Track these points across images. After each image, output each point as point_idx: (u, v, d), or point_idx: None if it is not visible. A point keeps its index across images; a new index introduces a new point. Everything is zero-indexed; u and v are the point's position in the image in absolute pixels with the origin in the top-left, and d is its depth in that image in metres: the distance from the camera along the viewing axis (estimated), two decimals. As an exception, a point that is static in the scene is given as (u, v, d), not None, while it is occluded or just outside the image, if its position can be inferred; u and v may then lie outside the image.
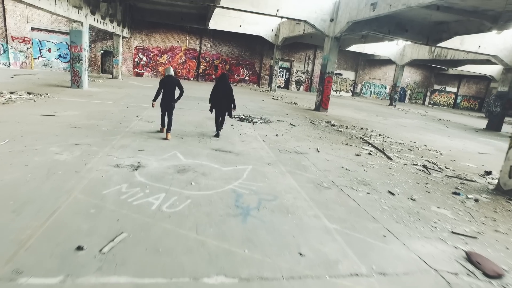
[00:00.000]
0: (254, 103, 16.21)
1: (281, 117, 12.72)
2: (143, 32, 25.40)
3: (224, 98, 7.83)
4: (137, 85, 19.41)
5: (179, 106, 11.61)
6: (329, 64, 15.94)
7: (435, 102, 39.36)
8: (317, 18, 15.38)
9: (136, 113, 9.85)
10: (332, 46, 15.77)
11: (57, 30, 22.03)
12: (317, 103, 16.56)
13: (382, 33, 15.92)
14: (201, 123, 9.57)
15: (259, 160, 6.39)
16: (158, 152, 6.08)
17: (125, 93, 14.61)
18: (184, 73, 27.35)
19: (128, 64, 25.31)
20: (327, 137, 9.78)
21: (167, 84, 7.35)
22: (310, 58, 31.74)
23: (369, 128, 12.62)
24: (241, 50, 28.71)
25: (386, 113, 20.28)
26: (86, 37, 14.05)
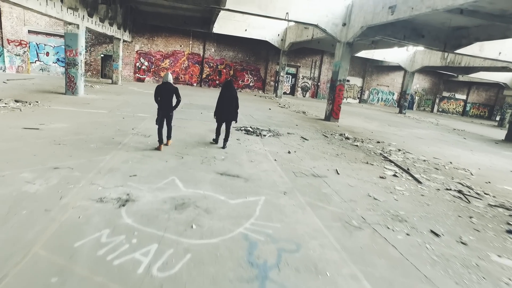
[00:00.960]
0: (261, 112, 15.26)
1: (291, 128, 11.74)
2: (144, 36, 24.57)
3: (228, 105, 7.55)
4: (137, 91, 18.51)
5: (179, 116, 10.71)
6: (340, 71, 14.98)
7: (443, 110, 38.36)
8: (329, 22, 14.46)
9: (132, 125, 8.90)
10: (344, 52, 14.82)
11: (56, 33, 21.22)
12: (327, 112, 15.58)
13: (397, 38, 14.97)
14: (204, 137, 8.61)
15: (273, 188, 5.40)
16: (153, 178, 5.11)
17: (123, 100, 13.68)
18: (187, 79, 26.48)
19: (129, 69, 24.46)
20: (344, 153, 8.78)
21: (163, 91, 6.78)
22: (317, 63, 30.83)
23: (385, 142, 11.62)
24: (246, 55, 27.83)
25: (398, 123, 19.28)
26: (82, 41, 13.17)
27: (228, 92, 7.54)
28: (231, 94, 7.53)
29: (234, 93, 7.60)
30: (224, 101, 7.52)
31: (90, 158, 5.70)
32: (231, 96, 7.52)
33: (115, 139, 7.24)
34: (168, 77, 6.90)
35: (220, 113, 7.63)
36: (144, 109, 11.72)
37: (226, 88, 7.60)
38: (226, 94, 7.52)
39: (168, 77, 6.92)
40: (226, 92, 7.54)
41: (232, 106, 7.56)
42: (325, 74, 31.15)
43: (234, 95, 7.58)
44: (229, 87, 7.62)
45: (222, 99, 7.54)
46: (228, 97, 7.50)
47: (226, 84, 7.67)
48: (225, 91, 7.56)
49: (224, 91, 7.58)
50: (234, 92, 7.63)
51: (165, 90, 6.75)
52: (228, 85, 7.66)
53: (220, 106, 7.58)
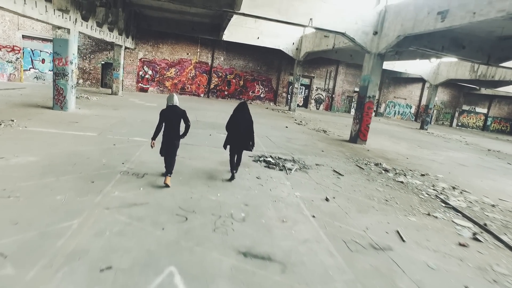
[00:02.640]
0: (277, 132, 13.31)
1: (317, 156, 9.78)
2: (149, 43, 22.86)
3: (242, 133, 6.41)
4: (138, 104, 16.68)
5: (183, 139, 8.76)
6: (370, 87, 13.04)
7: (463, 124, 36.27)
8: (358, 31, 12.55)
9: (123, 157, 6.98)
10: (375, 65, 12.89)
11: (51, 38, 19.47)
12: (353, 132, 13.60)
13: (435, 50, 13.03)
14: (214, 175, 6.68)
15: (327, 285, 3.42)
16: (138, 273, 3.15)
17: (119, 117, 11.81)
18: (193, 89, 24.68)
19: (131, 78, 22.71)
20: (394, 198, 6.80)
21: (169, 116, 5.67)
22: (332, 74, 28.97)
23: (429, 173, 9.65)
24: (257, 65, 26.02)
25: (426, 143, 17.26)
26: (74, 48, 11.38)
27: (241, 115, 6.41)
28: (245, 118, 6.41)
29: (249, 117, 6.47)
30: (237, 126, 6.37)
31: (47, 227, 3.77)
32: (246, 120, 6.39)
33: (95, 183, 5.31)
34: (174, 99, 5.76)
35: (232, 140, 6.45)
36: (142, 130, 9.83)
37: (240, 111, 6.45)
38: (240, 118, 6.40)
39: (174, 99, 5.77)
40: (240, 115, 6.41)
41: (246, 133, 6.43)
42: (340, 85, 29.29)
43: (249, 119, 6.44)
44: (243, 109, 6.48)
45: (235, 124, 6.40)
46: (241, 122, 6.37)
47: (240, 107, 6.51)
48: (238, 115, 6.42)
49: (237, 114, 6.44)
50: (249, 116, 6.49)
51: (171, 114, 5.65)
52: (242, 107, 6.50)
53: (233, 132, 6.43)
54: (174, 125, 5.67)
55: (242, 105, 6.53)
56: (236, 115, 6.45)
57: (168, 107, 5.68)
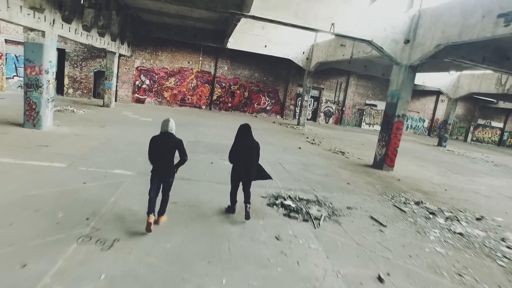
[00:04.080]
0: (290, 155, 11.39)
1: (344, 192, 7.87)
2: (147, 50, 21.07)
3: (248, 162, 5.42)
4: (130, 118, 14.80)
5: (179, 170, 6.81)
6: (399, 104, 11.14)
7: (478, 139, 34.32)
8: (386, 39, 10.71)
9: (92, 205, 5.05)
10: (406, 79, 11.02)
11: (39, 44, 17.73)
12: (378, 156, 11.66)
13: (474, 61, 11.19)
14: (218, 235, 4.74)
15: None
16: None
17: (103, 137, 9.91)
18: (194, 100, 22.83)
19: (127, 87, 20.88)
20: (467, 269, 4.84)
21: (161, 146, 4.60)
22: (342, 86, 27.15)
23: (483, 214, 7.71)
24: (263, 75, 24.21)
25: (453, 165, 15.36)
26: (51, 54, 9.55)
27: (246, 141, 5.43)
28: (250, 144, 5.44)
29: (254, 143, 5.48)
30: (242, 154, 5.38)
31: None
32: (251, 147, 5.44)
33: (28, 267, 3.36)
34: (169, 126, 4.68)
35: (237, 171, 5.47)
36: (126, 158, 7.92)
37: (243, 136, 5.46)
38: (244, 144, 5.41)
39: (169, 125, 4.68)
40: (243, 141, 5.42)
41: (252, 162, 5.45)
42: (351, 98, 27.46)
43: (255, 146, 5.47)
44: (246, 134, 5.46)
45: (239, 152, 5.40)
46: (246, 149, 5.40)
47: (242, 131, 5.48)
48: (241, 141, 5.43)
49: (240, 141, 5.44)
50: (252, 140, 5.48)
51: (164, 144, 4.60)
52: (244, 132, 5.48)
53: (239, 163, 5.42)
54: (166, 157, 4.58)
55: (245, 129, 5.46)
56: (239, 141, 5.40)
57: (161, 135, 4.61)
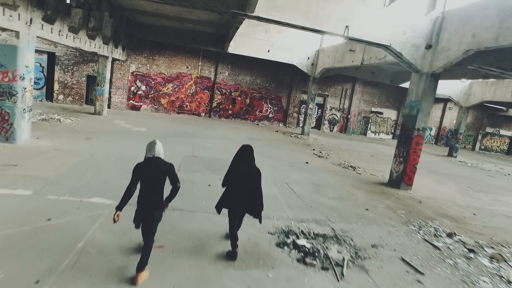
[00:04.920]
0: (298, 172, 10.22)
1: (365, 222, 6.71)
2: (143, 54, 19.95)
3: (247, 190, 4.47)
4: (122, 128, 13.64)
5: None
6: (420, 116, 9.99)
7: (486, 147, 33.21)
8: (406, 43, 9.59)
9: (54, 252, 3.88)
10: (427, 88, 9.89)
11: (28, 47, 16.64)
12: (394, 173, 10.50)
13: (501, 69, 10.10)
14: (216, 271, 3.56)
15: None
16: None
17: (87, 152, 8.75)
18: (193, 107, 21.69)
19: (121, 94, 19.74)
20: None
21: (147, 174, 3.70)
22: (347, 93, 26.06)
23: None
24: (265, 81, 23.10)
25: (471, 180, 14.25)
26: (28, 58, 8.42)
27: (245, 166, 4.55)
28: (250, 170, 4.55)
29: (254, 169, 4.56)
30: (238, 181, 4.51)
31: None
32: (252, 173, 4.53)
33: None
34: (156, 149, 3.80)
35: (232, 201, 4.56)
36: (110, 181, 6.76)
37: (243, 160, 4.59)
38: (242, 169, 4.53)
39: (156, 148, 3.80)
40: (242, 166, 4.56)
41: (252, 191, 4.55)
42: (357, 105, 26.37)
43: (255, 173, 4.55)
44: (247, 158, 4.59)
45: (237, 177, 4.53)
46: (244, 176, 4.50)
47: (243, 154, 4.62)
48: (241, 166, 4.56)
49: (239, 165, 4.58)
50: (253, 165, 4.59)
51: (150, 171, 3.72)
52: (246, 155, 4.60)
53: (233, 189, 4.56)
54: (155, 187, 3.79)
55: (246, 151, 4.59)
56: (237, 165, 4.56)
57: (147, 160, 3.79)
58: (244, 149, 4.59)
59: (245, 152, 4.58)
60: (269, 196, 7.30)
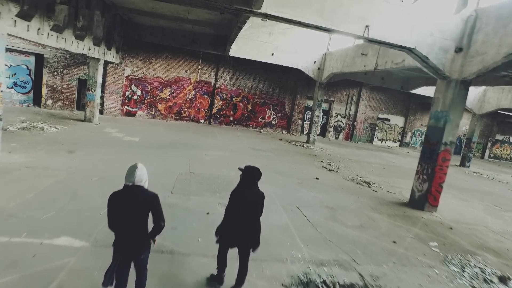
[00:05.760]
0: (308, 190, 9.00)
1: (396, 261, 5.52)
2: (139, 57, 18.79)
3: (249, 221, 3.74)
4: (113, 138, 12.43)
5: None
6: (448, 129, 8.80)
7: (495, 155, 32.07)
8: (433, 46, 8.42)
9: None
10: (456, 97, 8.70)
11: (13, 48, 15.47)
12: (416, 193, 9.28)
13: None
14: None
15: None
16: None
17: (66, 170, 7.53)
18: (192, 113, 20.50)
19: (115, 98, 18.54)
20: None
21: (127, 207, 3.01)
22: (354, 99, 24.94)
23: None
24: (268, 86, 21.94)
25: (493, 195, 13.13)
26: (-2, 61, 7.23)
27: (251, 192, 3.69)
28: (256, 196, 3.72)
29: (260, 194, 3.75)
30: (244, 210, 3.61)
31: None
32: (256, 201, 3.73)
33: None
34: (137, 175, 3.02)
35: (231, 231, 3.68)
36: (86, 210, 5.55)
37: (249, 185, 3.68)
38: (248, 197, 3.65)
39: (137, 174, 3.02)
40: (248, 192, 3.67)
41: (256, 221, 3.77)
42: (363, 111, 25.23)
43: (260, 201, 3.76)
44: (251, 184, 3.70)
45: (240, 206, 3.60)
46: (251, 204, 3.67)
47: (249, 178, 3.69)
48: (245, 191, 3.66)
49: (243, 191, 3.65)
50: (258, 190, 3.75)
51: (129, 205, 2.97)
52: (252, 179, 3.70)
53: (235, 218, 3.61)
54: (134, 225, 3.01)
55: (252, 176, 3.74)
56: (244, 195, 3.68)
57: (126, 190, 2.99)
58: (252, 173, 3.75)
59: (252, 176, 3.75)
60: (280, 227, 6.11)
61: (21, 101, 16.23)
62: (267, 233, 5.47)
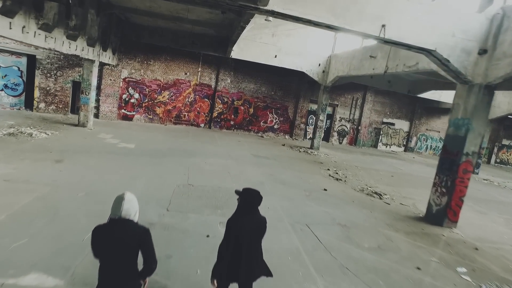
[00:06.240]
0: (317, 205, 8.24)
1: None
2: (136, 59, 18.06)
3: (251, 252, 3.11)
4: (106, 144, 11.69)
5: None
6: (469, 138, 8.06)
7: (501, 161, 31.35)
8: (455, 48, 7.69)
9: None
10: (479, 103, 7.97)
11: (3, 48, 14.74)
12: (434, 207, 8.54)
13: None
14: None
15: None
16: None
17: (49, 184, 6.79)
18: (191, 117, 19.77)
19: (112, 102, 17.80)
20: None
21: (112, 244, 2.45)
22: (358, 102, 24.22)
23: None
24: (271, 89, 21.23)
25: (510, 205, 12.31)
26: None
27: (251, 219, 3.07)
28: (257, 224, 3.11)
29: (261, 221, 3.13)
30: (244, 241, 3.00)
31: None
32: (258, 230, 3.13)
33: None
34: (124, 208, 2.44)
35: (231, 266, 3.01)
36: (66, 235, 4.84)
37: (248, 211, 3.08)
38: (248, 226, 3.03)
39: (124, 207, 2.44)
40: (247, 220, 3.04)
41: (257, 251, 3.16)
42: (367, 115, 24.52)
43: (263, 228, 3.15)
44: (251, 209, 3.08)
45: (240, 238, 2.98)
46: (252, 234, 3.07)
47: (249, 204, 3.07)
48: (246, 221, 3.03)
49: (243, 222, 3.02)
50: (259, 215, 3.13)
51: (115, 242, 2.44)
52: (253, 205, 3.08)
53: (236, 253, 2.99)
54: (121, 266, 2.46)
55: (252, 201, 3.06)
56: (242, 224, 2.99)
57: (111, 224, 2.44)
58: (250, 200, 3.09)
59: (252, 201, 3.09)
60: (289, 251, 5.36)
61: (12, 104, 15.49)
62: (275, 261, 4.75)
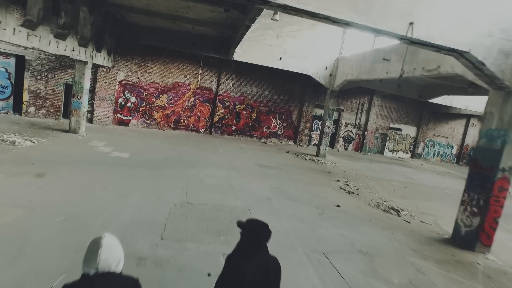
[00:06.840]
0: (332, 227, 7.29)
1: None
2: (133, 60, 17.15)
3: None
4: (98, 153, 10.74)
5: None
6: (506, 151, 7.14)
7: (509, 168, 30.22)
8: (492, 49, 6.77)
9: None
10: (517, 112, 7.02)
11: (-8, 49, 13.88)
12: (463, 228, 7.58)
13: None
14: None
15: None
16: None
17: (23, 206, 5.84)
18: (191, 122, 18.84)
19: (107, 106, 16.86)
20: None
21: None
22: (364, 107, 23.31)
23: None
24: (275, 93, 20.32)
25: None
26: None
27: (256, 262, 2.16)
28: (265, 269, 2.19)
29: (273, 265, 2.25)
30: None
31: None
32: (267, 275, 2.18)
33: None
34: (101, 258, 1.68)
35: None
36: (33, 279, 3.83)
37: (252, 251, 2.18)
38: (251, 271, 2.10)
39: (102, 256, 1.69)
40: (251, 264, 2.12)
41: None
42: (374, 121, 23.60)
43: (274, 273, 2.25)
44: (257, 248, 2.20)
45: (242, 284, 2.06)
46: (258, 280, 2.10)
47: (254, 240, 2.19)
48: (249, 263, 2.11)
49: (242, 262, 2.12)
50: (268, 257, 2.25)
51: None
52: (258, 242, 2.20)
53: None
54: None
55: (258, 238, 2.20)
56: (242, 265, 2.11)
57: (84, 282, 1.69)
58: (255, 236, 2.25)
59: (258, 240, 2.25)
60: (308, 295, 4.38)
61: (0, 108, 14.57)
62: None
